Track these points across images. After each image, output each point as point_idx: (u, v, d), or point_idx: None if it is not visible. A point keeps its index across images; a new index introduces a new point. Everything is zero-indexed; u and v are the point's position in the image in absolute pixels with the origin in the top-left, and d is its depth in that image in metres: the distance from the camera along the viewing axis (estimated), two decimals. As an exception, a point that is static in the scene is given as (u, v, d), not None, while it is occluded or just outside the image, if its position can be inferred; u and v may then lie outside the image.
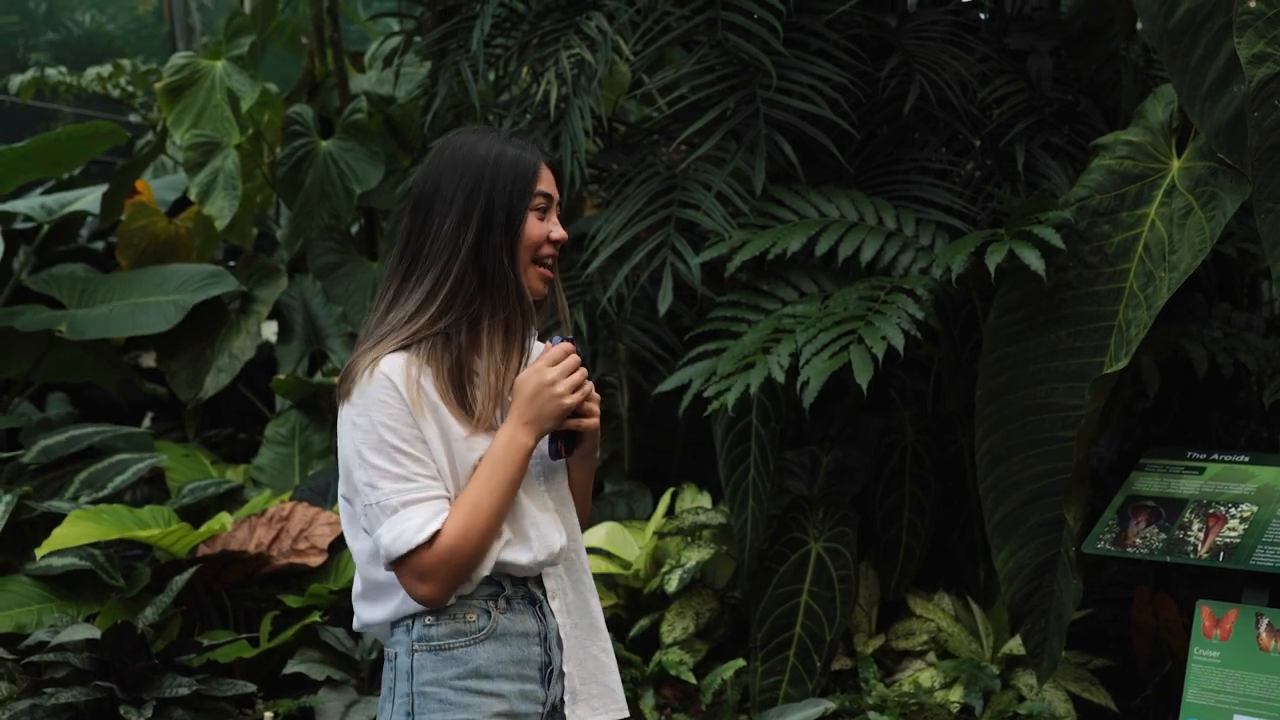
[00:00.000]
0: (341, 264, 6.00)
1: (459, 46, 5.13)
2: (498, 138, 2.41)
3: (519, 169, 2.38)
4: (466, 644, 2.35)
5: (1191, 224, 3.73)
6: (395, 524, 2.28)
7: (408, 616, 2.36)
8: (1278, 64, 3.20)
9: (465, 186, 2.35)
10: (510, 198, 2.36)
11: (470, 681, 2.34)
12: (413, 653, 2.34)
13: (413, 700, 2.34)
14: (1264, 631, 3.41)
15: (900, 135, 4.84)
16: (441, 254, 2.35)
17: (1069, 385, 3.85)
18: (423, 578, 2.29)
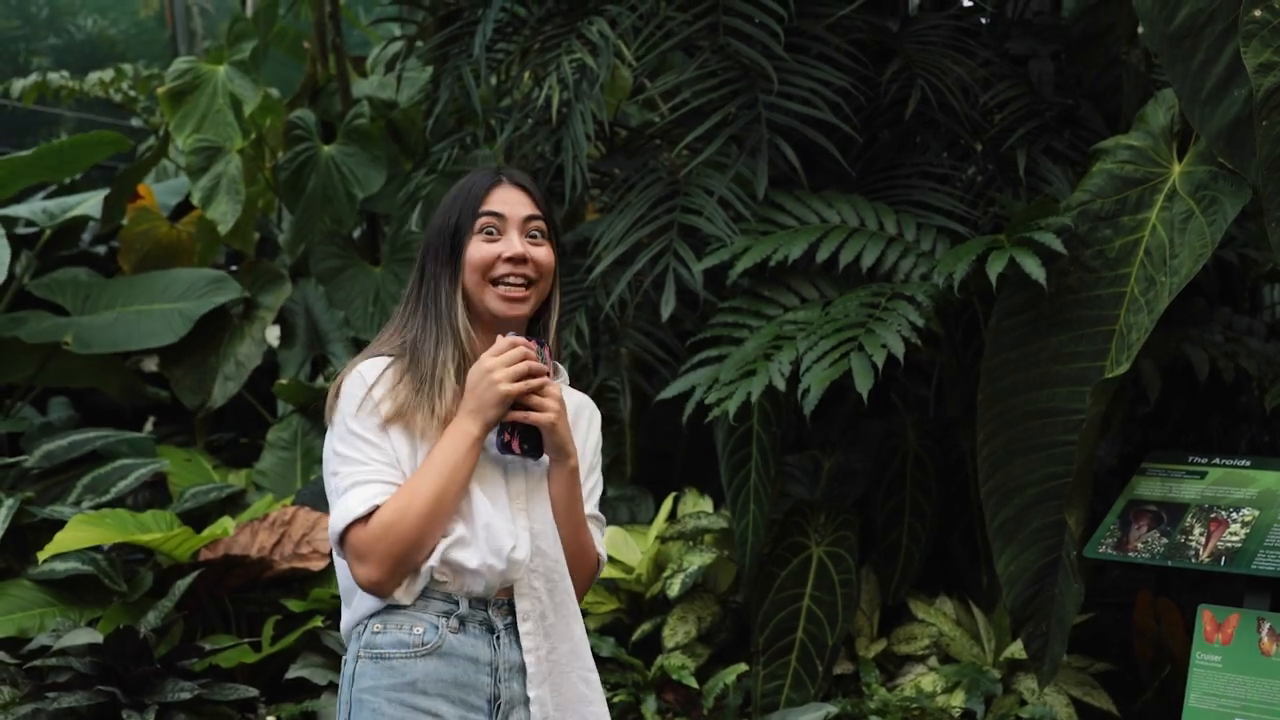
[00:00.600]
0: (344, 269, 6.00)
1: (461, 51, 5.14)
2: (482, 169, 2.49)
3: (468, 193, 2.44)
4: (407, 656, 2.32)
5: (1192, 228, 3.74)
6: (342, 502, 2.31)
7: (361, 622, 2.36)
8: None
9: (436, 218, 2.46)
10: (457, 222, 2.42)
11: (405, 695, 2.31)
12: (357, 659, 2.34)
13: (350, 707, 2.34)
14: (1265, 636, 3.41)
15: (902, 140, 4.84)
16: (412, 282, 2.47)
17: (1070, 389, 3.85)
18: (360, 557, 2.28)
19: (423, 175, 5.49)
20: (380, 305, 5.95)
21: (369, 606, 2.34)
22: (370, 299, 5.95)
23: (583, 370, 4.88)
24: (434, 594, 2.34)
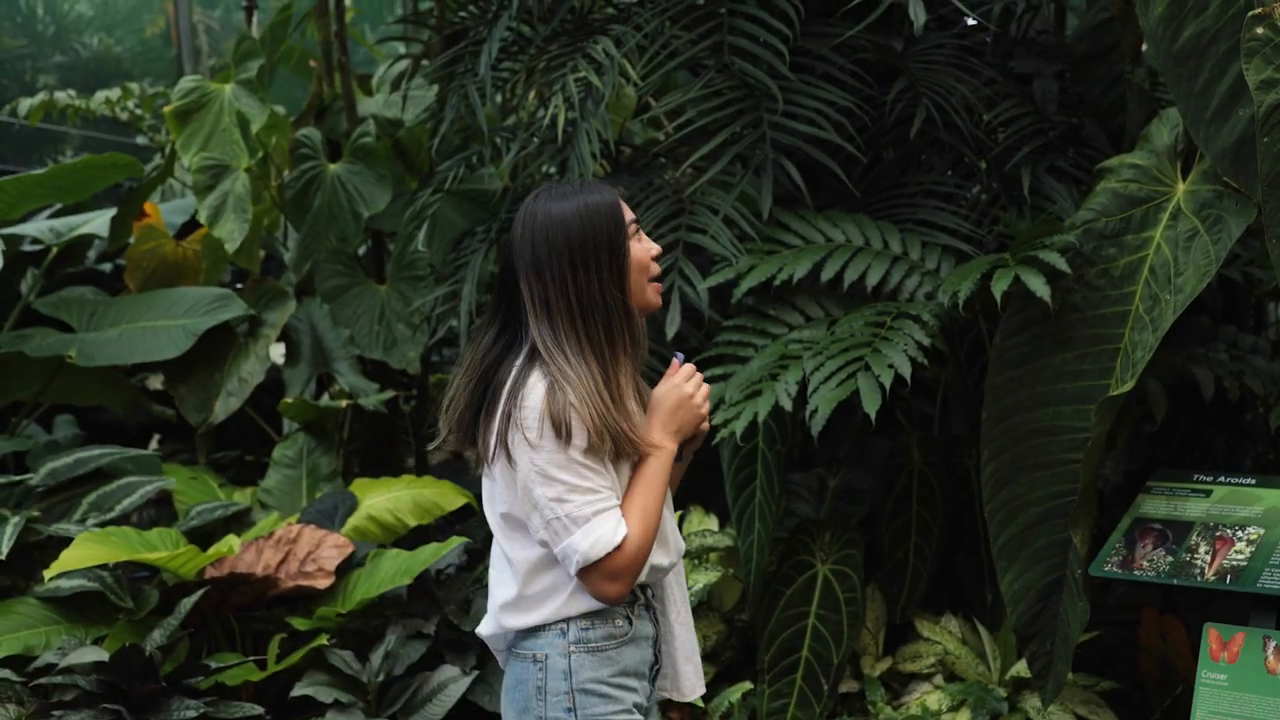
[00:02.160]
0: (349, 287, 6.01)
1: (466, 70, 5.16)
2: (570, 190, 2.64)
3: (610, 203, 2.62)
4: (617, 645, 2.66)
5: (1197, 247, 3.74)
6: (590, 531, 2.55)
7: (560, 621, 2.64)
8: (1283, 89, 3.22)
9: (573, 231, 2.59)
10: (612, 229, 2.61)
11: (620, 679, 2.67)
12: (569, 654, 2.63)
13: (573, 697, 2.63)
14: (1271, 654, 3.41)
15: (906, 159, 4.86)
16: (535, 299, 2.59)
17: (1075, 408, 3.86)
18: (613, 578, 2.57)
19: (429, 194, 5.50)
20: (385, 323, 5.95)
21: (572, 610, 2.62)
22: (375, 317, 5.95)
23: (587, 388, 4.88)
24: None
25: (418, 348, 5.92)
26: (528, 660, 2.66)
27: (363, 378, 6.10)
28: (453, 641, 4.53)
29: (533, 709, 2.65)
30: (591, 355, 2.56)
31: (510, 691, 2.71)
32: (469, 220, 5.82)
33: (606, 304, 2.58)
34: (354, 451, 6.10)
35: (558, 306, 2.57)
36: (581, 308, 2.57)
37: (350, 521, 5.03)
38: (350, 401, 5.84)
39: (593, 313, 2.57)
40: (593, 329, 2.57)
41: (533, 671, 2.66)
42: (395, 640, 4.44)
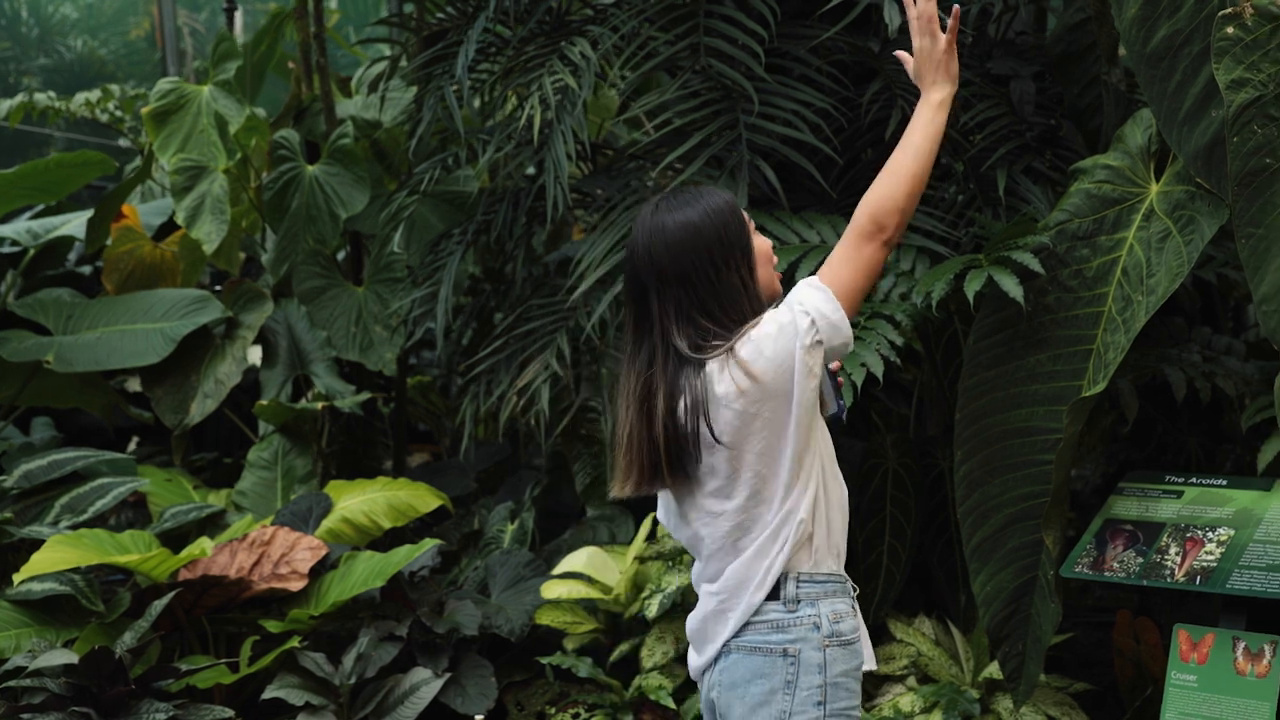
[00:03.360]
0: (326, 288, 5.99)
1: (444, 72, 5.14)
2: (690, 198, 2.75)
3: (732, 203, 2.75)
4: (858, 641, 2.74)
5: (1169, 248, 3.74)
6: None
7: (802, 610, 2.67)
8: (1256, 89, 3.22)
9: (707, 227, 2.69)
10: (740, 225, 2.73)
11: (858, 674, 2.74)
12: (824, 647, 2.67)
13: (825, 690, 2.67)
14: (1241, 655, 3.40)
15: (883, 160, 4.81)
16: (722, 300, 2.68)
17: (1048, 409, 3.85)
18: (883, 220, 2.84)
19: (405, 196, 5.49)
20: (362, 325, 5.94)
21: (812, 592, 2.67)
22: (352, 319, 5.94)
23: (564, 390, 4.88)
24: (841, 578, 2.74)
25: (395, 350, 5.91)
26: (783, 654, 2.67)
27: (340, 380, 6.08)
28: (425, 643, 4.51)
29: (775, 702, 2.67)
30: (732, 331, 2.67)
31: (742, 686, 2.69)
32: (447, 222, 5.81)
33: (748, 295, 2.69)
34: (331, 454, 6.08)
35: (714, 305, 2.66)
36: (734, 301, 2.67)
37: (325, 524, 5.01)
38: (327, 403, 5.82)
39: (744, 304, 2.68)
40: (744, 315, 2.68)
41: (779, 667, 2.67)
42: (368, 642, 4.42)
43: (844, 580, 2.76)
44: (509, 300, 5.49)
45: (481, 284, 6.24)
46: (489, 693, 4.43)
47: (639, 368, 2.71)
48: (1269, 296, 3.15)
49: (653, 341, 2.70)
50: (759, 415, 2.64)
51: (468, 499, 5.92)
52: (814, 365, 2.65)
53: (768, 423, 2.65)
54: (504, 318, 5.37)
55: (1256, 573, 3.45)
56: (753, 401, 2.64)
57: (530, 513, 5.22)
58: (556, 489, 5.51)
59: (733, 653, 2.72)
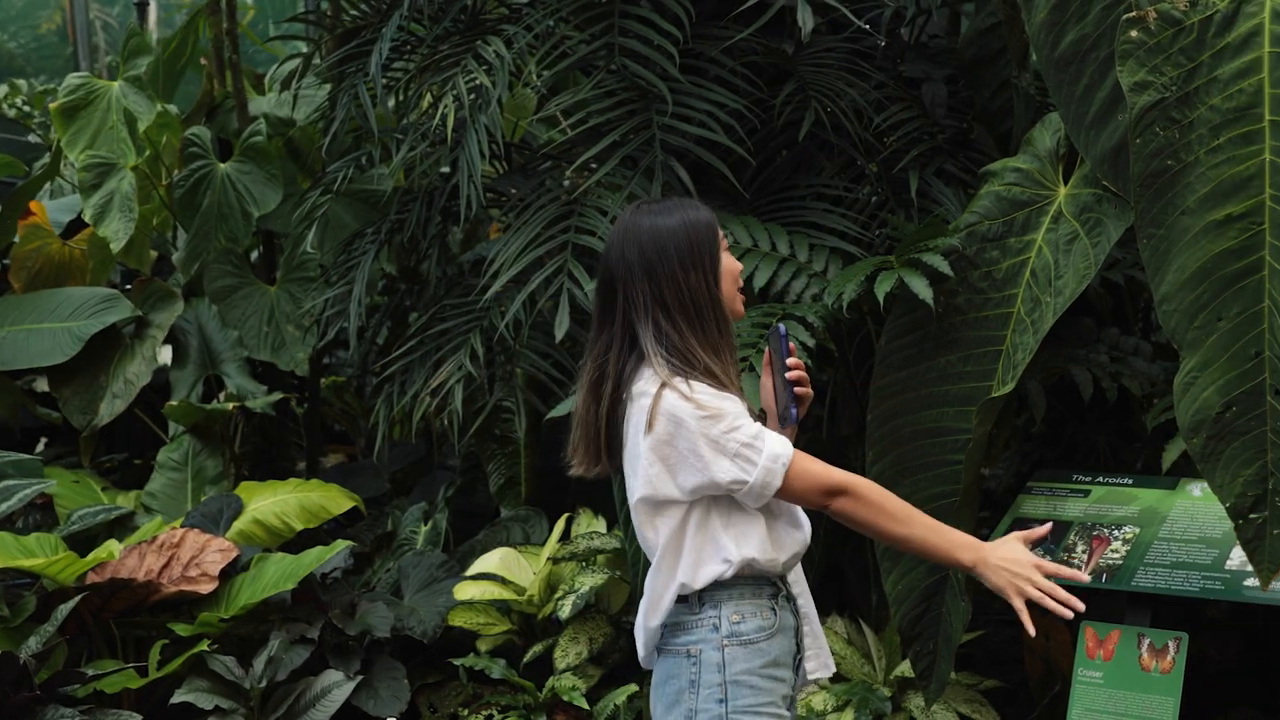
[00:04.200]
0: (238, 287, 5.93)
1: (358, 70, 5.10)
2: (672, 206, 2.80)
3: (706, 218, 2.79)
4: (767, 638, 2.76)
5: (1077, 250, 3.78)
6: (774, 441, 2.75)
7: (704, 614, 2.74)
8: (1159, 92, 3.25)
9: (676, 247, 2.74)
10: (712, 243, 2.78)
11: (770, 670, 2.77)
12: (723, 648, 2.73)
13: (725, 689, 2.72)
14: (1145, 652, 3.45)
15: (796, 162, 4.86)
16: (690, 301, 2.73)
17: (958, 409, 3.88)
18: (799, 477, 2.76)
19: (319, 195, 5.44)
20: (275, 325, 5.88)
21: (717, 595, 2.73)
22: (265, 318, 5.88)
23: (477, 391, 4.86)
24: (764, 581, 2.78)
25: (307, 350, 5.86)
26: (685, 655, 2.76)
27: (251, 380, 6.02)
28: (337, 646, 4.48)
29: (682, 701, 2.75)
30: (711, 351, 2.73)
31: (660, 686, 2.81)
32: (360, 221, 5.77)
33: (713, 304, 2.74)
34: (244, 455, 6.02)
35: (675, 305, 2.71)
36: (696, 306, 2.72)
37: (236, 525, 4.96)
38: (238, 404, 5.76)
39: (707, 310, 2.73)
40: (709, 326, 2.73)
41: (682, 666, 2.76)
42: (278, 645, 4.38)
43: (759, 584, 2.78)
44: (424, 300, 5.46)
45: (397, 283, 6.20)
46: (401, 695, 4.41)
47: (596, 353, 2.79)
48: (1169, 296, 3.19)
49: (613, 332, 2.76)
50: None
51: (382, 500, 5.88)
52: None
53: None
54: (419, 317, 5.34)
55: (1161, 570, 3.50)
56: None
57: (444, 513, 5.19)
58: (471, 489, 5.49)
59: (657, 654, 2.84)
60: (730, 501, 2.75)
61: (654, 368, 2.71)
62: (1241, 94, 3.16)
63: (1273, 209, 3.09)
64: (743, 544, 2.75)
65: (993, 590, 2.83)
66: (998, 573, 2.79)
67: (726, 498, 2.74)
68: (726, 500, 2.75)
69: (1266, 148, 3.11)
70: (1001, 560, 2.79)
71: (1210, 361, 3.14)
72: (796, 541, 2.83)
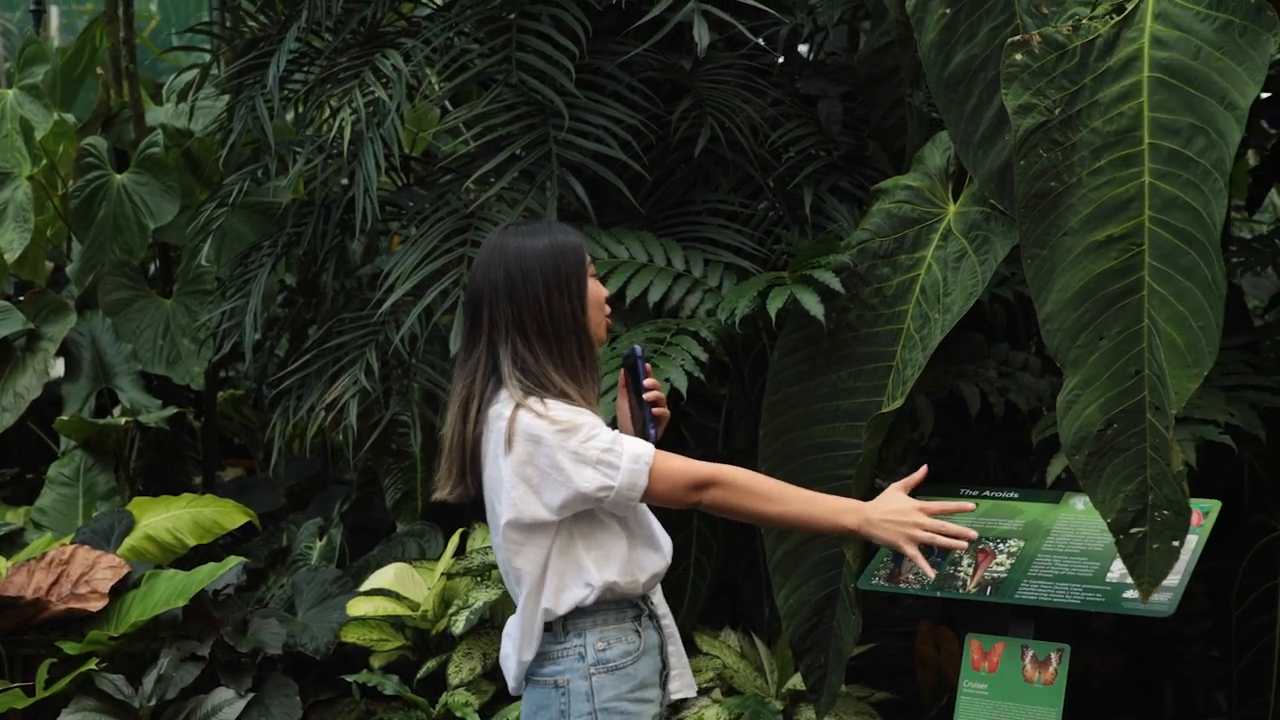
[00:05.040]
0: (133, 300, 5.87)
1: (256, 82, 5.07)
2: (541, 228, 2.86)
3: (574, 243, 2.84)
4: (633, 661, 2.78)
5: (965, 267, 3.83)
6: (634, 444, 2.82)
7: (570, 644, 2.76)
8: (1042, 114, 3.31)
9: (541, 269, 2.76)
10: (578, 267, 2.82)
11: (639, 693, 2.80)
12: (590, 676, 2.74)
13: (595, 717, 2.75)
14: (1029, 664, 3.50)
15: (693, 177, 4.89)
16: (549, 324, 2.76)
17: (849, 424, 3.92)
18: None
19: (215, 207, 5.40)
20: (170, 338, 5.82)
21: (581, 623, 2.76)
22: (160, 331, 5.82)
23: (374, 405, 4.84)
24: (626, 604, 2.81)
25: (203, 363, 5.80)
26: (554, 685, 2.77)
27: (145, 394, 5.95)
28: (229, 663, 4.44)
29: None
30: (568, 375, 2.75)
31: (530, 718, 2.82)
32: (258, 233, 5.73)
33: (577, 328, 2.77)
34: (139, 469, 5.95)
35: (533, 328, 2.73)
36: (556, 330, 2.74)
37: (127, 541, 4.90)
38: (131, 418, 5.69)
39: (568, 335, 2.75)
40: (568, 350, 2.75)
41: (551, 698, 2.77)
42: (168, 663, 4.34)
43: (621, 608, 2.81)
44: (322, 313, 5.43)
45: (296, 295, 6.15)
46: (293, 712, 4.38)
47: (465, 373, 2.80)
48: (1052, 315, 3.24)
49: (479, 352, 2.78)
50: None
51: (277, 515, 5.83)
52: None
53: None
54: (317, 330, 5.31)
55: (1044, 583, 3.55)
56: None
57: (339, 529, 5.16)
58: (367, 504, 5.46)
59: (526, 684, 2.84)
60: (592, 524, 2.76)
61: (509, 389, 2.72)
62: (1122, 117, 3.22)
63: (1152, 230, 3.15)
64: (604, 567, 2.76)
65: (884, 545, 2.94)
66: (883, 527, 2.89)
67: (589, 520, 2.75)
68: (588, 523, 2.75)
69: (1146, 170, 3.17)
70: (885, 514, 2.90)
71: (1092, 379, 3.19)
72: (655, 563, 2.86)
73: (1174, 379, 3.06)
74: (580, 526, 2.76)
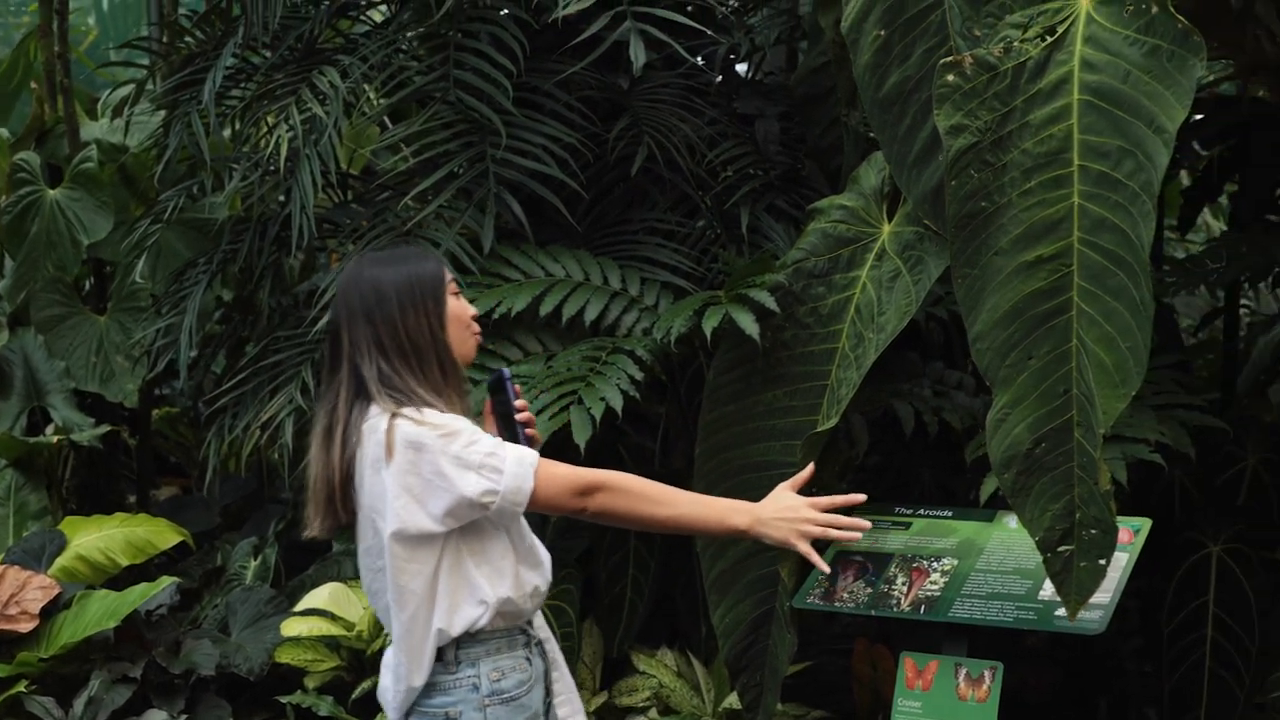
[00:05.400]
0: (66, 317, 5.82)
1: (192, 98, 5.04)
2: (398, 256, 2.86)
3: (434, 260, 2.86)
4: (526, 691, 2.75)
5: (899, 287, 3.85)
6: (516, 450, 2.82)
7: (462, 675, 2.71)
8: (974, 135, 3.33)
9: (396, 289, 2.76)
10: (437, 285, 2.80)
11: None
12: (484, 707, 2.70)
13: None
14: (963, 681, 3.52)
15: (631, 196, 4.90)
16: (407, 341, 2.75)
17: (784, 443, 3.92)
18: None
19: (150, 223, 5.35)
20: (104, 355, 5.76)
21: (473, 652, 2.71)
22: (93, 349, 5.77)
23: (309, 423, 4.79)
24: (516, 631, 2.77)
25: (137, 381, 5.75)
26: (445, 717, 2.71)
27: (79, 412, 5.89)
28: (161, 685, 4.40)
29: None
30: (432, 390, 2.72)
31: None
32: (194, 250, 5.69)
33: (437, 345, 2.75)
34: (72, 489, 5.89)
35: (393, 347, 2.72)
36: (416, 348, 2.72)
37: (58, 561, 4.84)
38: (63, 437, 5.63)
39: (429, 352, 2.73)
40: (430, 366, 2.73)
41: None
42: (99, 685, 4.29)
43: (512, 634, 2.78)
44: (258, 330, 5.40)
45: (232, 313, 6.11)
46: (227, 733, 4.34)
47: (327, 401, 2.78)
48: (983, 335, 3.26)
49: (340, 378, 2.76)
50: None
51: (212, 534, 5.78)
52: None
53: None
54: (253, 348, 5.27)
55: (977, 601, 3.57)
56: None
57: (274, 548, 5.13)
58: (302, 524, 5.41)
59: (411, 716, 2.76)
60: (481, 537, 2.73)
61: (380, 405, 2.70)
62: (1052, 139, 3.24)
63: (1081, 251, 3.17)
64: (497, 584, 2.72)
65: (776, 544, 2.97)
66: (774, 525, 2.93)
67: (476, 534, 2.71)
68: (476, 537, 2.72)
69: (1075, 191, 3.20)
70: (775, 512, 2.95)
71: (1021, 399, 3.21)
72: (538, 580, 2.82)
73: (1102, 399, 3.09)
74: (469, 541, 2.71)
